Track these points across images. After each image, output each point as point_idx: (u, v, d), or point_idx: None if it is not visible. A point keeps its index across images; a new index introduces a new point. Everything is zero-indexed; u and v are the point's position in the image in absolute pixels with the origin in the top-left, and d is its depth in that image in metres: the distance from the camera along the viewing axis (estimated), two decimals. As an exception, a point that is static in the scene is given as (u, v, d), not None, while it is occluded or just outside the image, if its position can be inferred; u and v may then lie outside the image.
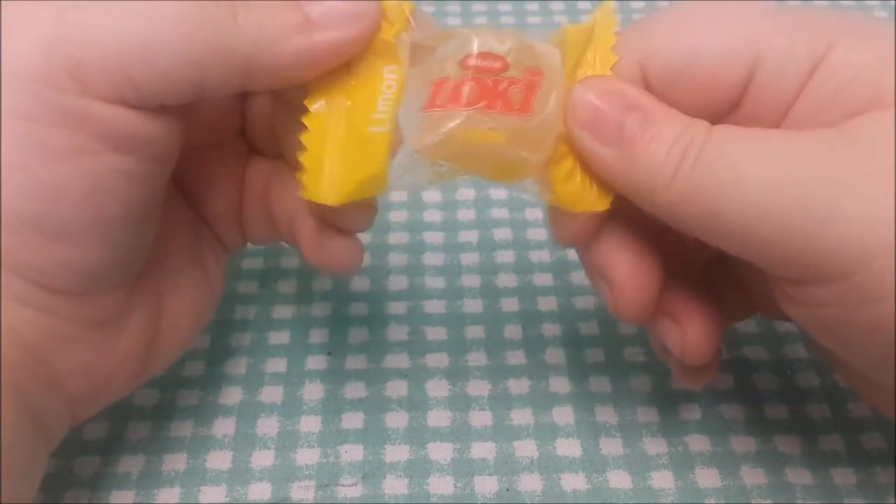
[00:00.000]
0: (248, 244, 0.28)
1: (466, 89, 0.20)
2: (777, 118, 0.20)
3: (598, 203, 0.21)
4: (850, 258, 0.17)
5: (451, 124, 0.20)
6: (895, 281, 0.17)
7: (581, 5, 0.46)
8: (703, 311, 0.23)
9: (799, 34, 0.20)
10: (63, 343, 0.20)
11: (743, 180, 0.18)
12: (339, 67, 0.21)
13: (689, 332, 0.23)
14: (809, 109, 0.20)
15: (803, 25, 0.20)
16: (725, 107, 0.21)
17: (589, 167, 0.21)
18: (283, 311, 0.31)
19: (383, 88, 0.21)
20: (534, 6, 0.46)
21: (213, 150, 0.26)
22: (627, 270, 0.22)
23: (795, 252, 0.18)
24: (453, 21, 0.45)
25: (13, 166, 0.18)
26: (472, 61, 0.21)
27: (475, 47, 0.21)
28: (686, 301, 0.23)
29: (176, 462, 0.26)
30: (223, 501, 0.25)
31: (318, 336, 0.30)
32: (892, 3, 0.45)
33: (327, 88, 0.21)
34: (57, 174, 0.18)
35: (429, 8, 0.46)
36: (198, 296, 0.25)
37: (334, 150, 0.21)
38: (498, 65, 0.21)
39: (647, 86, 0.21)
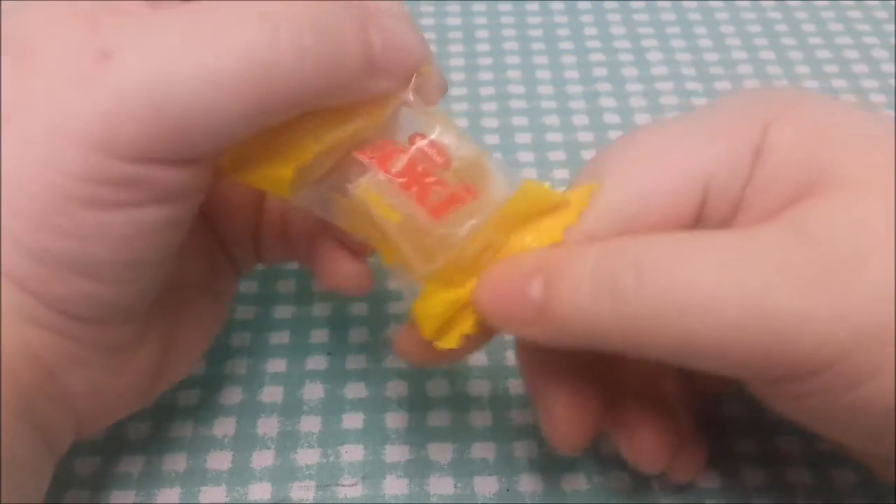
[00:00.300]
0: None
1: (397, 160, 0.20)
2: (727, 220, 0.20)
3: (447, 341, 0.21)
4: (829, 353, 0.17)
5: (363, 177, 0.20)
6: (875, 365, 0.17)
7: (581, 5, 0.46)
8: (653, 419, 0.22)
9: (737, 132, 0.20)
10: (76, 365, 0.20)
11: (711, 298, 0.17)
12: None
13: (639, 443, 0.22)
14: (755, 194, 0.20)
15: (739, 118, 0.20)
16: (687, 224, 0.20)
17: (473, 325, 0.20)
18: (283, 311, 0.31)
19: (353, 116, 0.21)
20: (534, 6, 0.46)
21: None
22: (564, 405, 0.22)
23: (773, 358, 0.17)
24: (453, 21, 0.45)
25: (54, 213, 0.18)
26: (421, 142, 0.21)
27: (433, 133, 0.21)
28: (634, 410, 0.22)
29: (176, 462, 0.26)
30: (223, 501, 0.25)
31: (318, 336, 0.30)
32: (892, 3, 0.46)
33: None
34: (99, 221, 0.18)
35: (429, 8, 0.46)
36: (207, 318, 0.25)
37: (270, 140, 0.20)
38: (440, 160, 0.20)
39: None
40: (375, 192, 0.20)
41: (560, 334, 0.19)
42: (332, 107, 0.20)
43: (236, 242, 0.26)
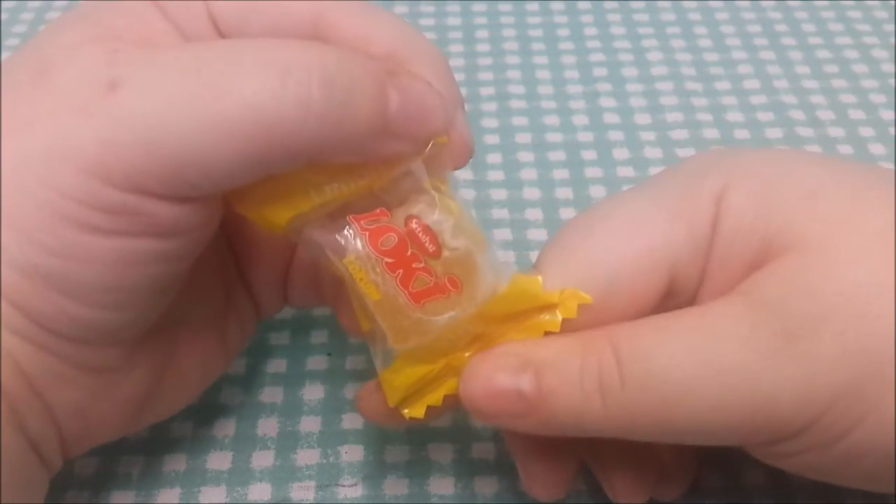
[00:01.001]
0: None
1: (389, 238, 0.20)
2: (697, 284, 0.20)
3: (414, 410, 0.21)
4: (807, 415, 0.18)
5: (351, 247, 0.20)
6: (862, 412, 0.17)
7: (581, 5, 0.46)
8: (631, 458, 0.22)
9: (694, 209, 0.20)
10: (58, 382, 0.20)
11: (684, 388, 0.18)
12: None
13: (618, 482, 0.23)
14: (716, 264, 0.20)
15: (694, 194, 0.20)
16: (655, 304, 0.20)
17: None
18: (283, 312, 0.31)
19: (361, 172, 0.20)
20: (534, 6, 0.46)
21: None
22: (541, 467, 0.22)
23: (755, 428, 0.18)
24: (453, 21, 0.45)
25: (43, 230, 0.18)
26: (416, 225, 0.20)
27: (430, 217, 0.20)
28: (611, 450, 0.22)
29: (176, 462, 0.26)
30: (223, 502, 0.25)
31: (318, 336, 0.30)
32: (892, 3, 0.46)
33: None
34: (87, 244, 0.18)
35: (429, 8, 0.46)
36: (210, 358, 0.24)
37: (271, 180, 0.19)
38: (431, 249, 0.20)
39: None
40: (360, 267, 0.20)
41: (550, 426, 0.19)
42: (340, 161, 0.19)
43: (263, 284, 0.26)
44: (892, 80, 0.40)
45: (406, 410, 0.21)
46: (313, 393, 0.28)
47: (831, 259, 0.18)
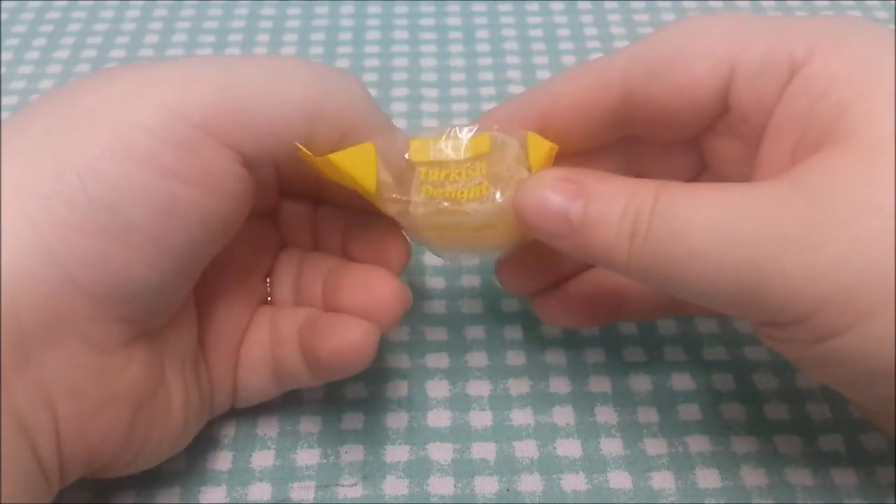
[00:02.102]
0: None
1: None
2: (760, 125, 0.21)
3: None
4: (802, 308, 0.18)
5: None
6: (849, 321, 0.18)
7: (581, 5, 0.46)
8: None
9: (779, 39, 0.21)
10: (56, 347, 0.19)
11: (692, 251, 0.19)
12: None
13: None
14: (786, 121, 0.20)
15: (785, 31, 0.21)
16: (712, 111, 0.22)
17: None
18: (283, 312, 0.31)
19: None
20: (534, 6, 0.46)
21: (233, 287, 0.26)
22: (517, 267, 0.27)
23: (750, 307, 0.19)
24: (453, 21, 0.45)
25: (109, 159, 0.19)
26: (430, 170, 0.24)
27: (430, 154, 0.24)
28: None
29: (176, 462, 0.26)
30: (223, 501, 0.25)
31: (318, 336, 0.30)
32: (892, 3, 0.45)
33: None
34: (147, 182, 0.19)
35: (429, 8, 0.46)
36: (188, 401, 0.24)
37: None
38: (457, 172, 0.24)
39: (627, 95, 0.22)
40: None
41: (581, 253, 0.21)
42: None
43: (219, 360, 0.25)
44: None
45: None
46: (313, 393, 0.28)
47: (882, 166, 0.18)
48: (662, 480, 0.26)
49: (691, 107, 0.22)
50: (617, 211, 0.20)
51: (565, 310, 0.27)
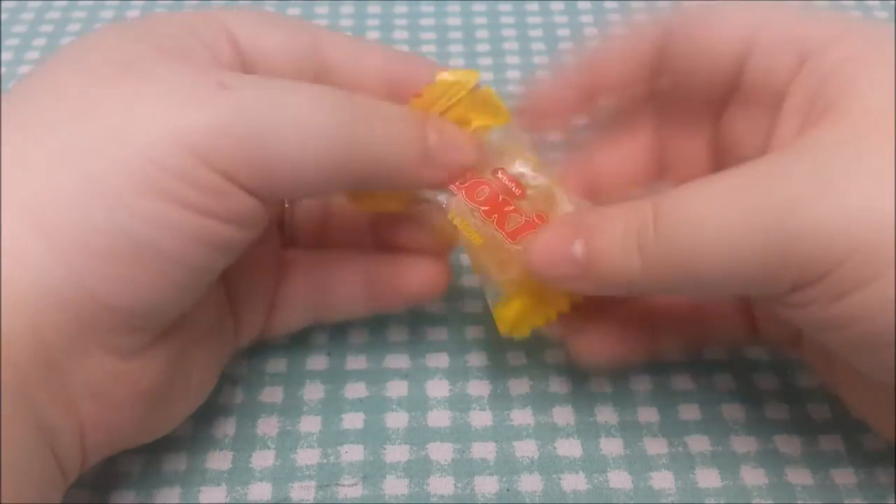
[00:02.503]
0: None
1: (482, 191, 0.24)
2: (773, 103, 0.22)
3: (520, 332, 0.25)
4: (828, 261, 0.18)
5: (451, 205, 0.24)
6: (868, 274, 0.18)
7: (581, 5, 0.46)
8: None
9: (798, 28, 0.22)
10: (80, 357, 0.20)
11: (709, 239, 0.19)
12: None
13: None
14: (798, 101, 0.21)
15: (806, 22, 0.22)
16: (729, 78, 0.23)
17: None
18: (283, 311, 0.31)
19: None
20: (534, 6, 0.46)
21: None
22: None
23: (777, 274, 0.19)
24: (453, 21, 0.45)
25: (135, 195, 0.19)
26: (503, 175, 0.25)
27: (512, 166, 0.25)
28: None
29: (176, 462, 0.26)
30: (223, 501, 0.25)
31: (318, 336, 0.30)
32: (892, 3, 0.45)
33: None
34: (174, 215, 0.19)
35: (429, 8, 0.46)
36: (206, 371, 0.25)
37: None
38: (518, 192, 0.25)
39: (660, 51, 0.24)
40: (462, 218, 0.24)
41: (603, 286, 0.22)
42: (388, 189, 0.24)
43: (248, 305, 0.26)
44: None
45: (514, 333, 0.25)
46: (313, 393, 0.28)
47: (889, 129, 0.19)
48: (662, 480, 0.26)
49: (711, 69, 0.23)
50: (617, 232, 0.21)
51: (605, 344, 0.27)
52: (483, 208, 0.24)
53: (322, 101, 0.21)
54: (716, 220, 0.19)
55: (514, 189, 0.24)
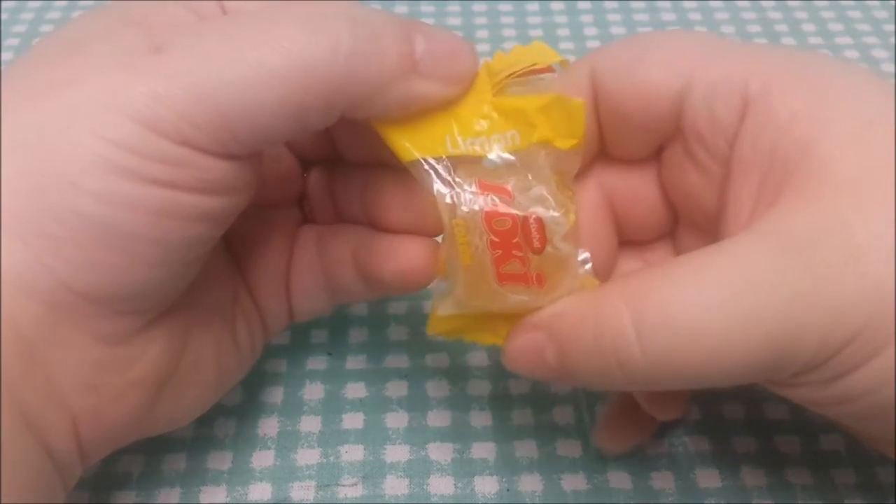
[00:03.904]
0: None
1: (503, 221, 0.21)
2: (719, 153, 0.21)
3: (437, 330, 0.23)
4: (827, 352, 0.18)
5: (465, 212, 0.21)
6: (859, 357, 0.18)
7: (581, 5, 0.46)
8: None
9: (736, 65, 0.20)
10: (63, 348, 0.19)
11: (705, 343, 0.18)
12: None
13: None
14: (750, 156, 0.20)
15: (744, 58, 0.21)
16: (667, 122, 0.21)
17: None
18: (283, 311, 0.31)
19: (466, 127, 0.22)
20: (534, 6, 0.46)
21: (266, 215, 0.26)
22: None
23: (774, 370, 0.19)
24: (453, 21, 0.45)
25: (93, 177, 0.18)
26: (533, 221, 0.21)
27: (549, 215, 0.21)
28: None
29: (176, 462, 0.26)
30: (223, 501, 0.25)
31: (318, 336, 0.30)
32: (892, 3, 0.46)
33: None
34: (137, 192, 0.18)
35: (429, 8, 0.46)
36: (222, 354, 0.24)
37: (418, 119, 0.22)
38: (537, 245, 0.21)
39: (596, 93, 0.22)
40: (465, 231, 0.21)
41: (586, 385, 0.22)
42: (382, 106, 0.20)
43: (265, 289, 0.26)
44: (893, 80, 0.40)
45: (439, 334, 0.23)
46: (313, 393, 0.28)
47: (866, 199, 0.18)
48: (662, 480, 0.26)
49: (647, 112, 0.21)
50: (588, 340, 0.20)
51: (626, 434, 0.26)
52: (494, 239, 0.21)
53: (267, 33, 0.19)
54: (714, 327, 0.18)
55: (534, 241, 0.22)
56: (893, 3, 0.45)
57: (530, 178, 0.22)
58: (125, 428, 0.21)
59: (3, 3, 0.46)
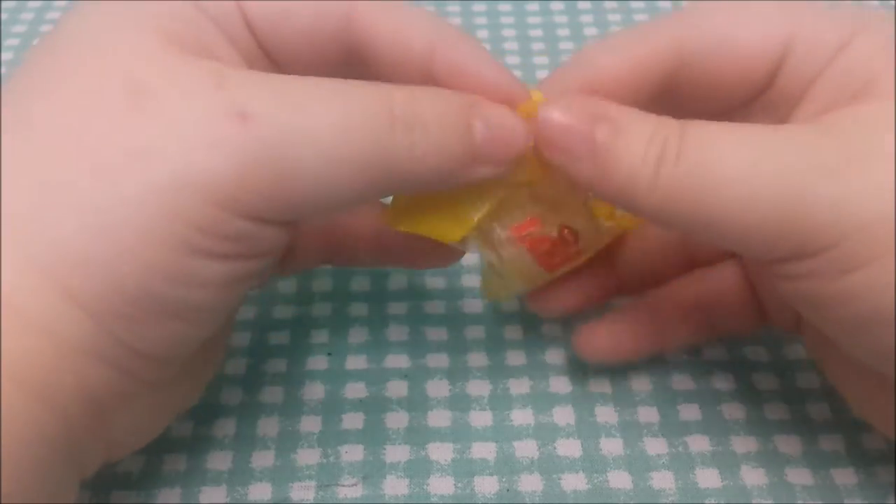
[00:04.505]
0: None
1: (542, 244, 0.24)
2: (797, 100, 0.22)
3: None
4: (834, 234, 0.19)
5: (513, 250, 0.24)
6: (870, 253, 0.18)
7: (581, 5, 0.46)
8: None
9: (830, 23, 0.21)
10: (126, 401, 0.20)
11: (729, 177, 0.19)
12: None
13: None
14: (820, 93, 0.21)
15: (835, 16, 0.22)
16: (760, 86, 0.22)
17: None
18: (283, 311, 0.31)
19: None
20: (534, 6, 0.46)
21: None
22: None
23: (780, 236, 0.19)
24: (453, 21, 0.45)
25: (165, 259, 0.18)
26: (567, 234, 0.24)
27: (578, 224, 0.24)
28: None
29: (176, 462, 0.26)
30: (223, 502, 0.25)
31: (318, 336, 0.30)
32: (892, 2, 0.45)
33: None
34: (207, 270, 0.19)
35: (429, 8, 0.46)
36: (217, 350, 0.25)
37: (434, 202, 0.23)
38: (574, 251, 0.24)
39: (681, 63, 0.22)
40: (520, 265, 0.24)
41: (598, 180, 0.21)
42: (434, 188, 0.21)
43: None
44: (892, 80, 0.40)
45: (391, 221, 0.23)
46: (313, 393, 0.28)
47: None
48: (662, 480, 0.26)
49: (743, 80, 0.22)
50: (645, 135, 0.20)
51: (611, 340, 0.27)
52: (539, 258, 0.24)
53: (352, 115, 0.19)
54: (741, 164, 0.19)
55: (571, 250, 0.24)
56: (894, 3, 0.45)
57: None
58: (145, 443, 0.23)
59: (3, 4, 0.46)
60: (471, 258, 0.33)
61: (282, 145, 0.18)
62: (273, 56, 0.22)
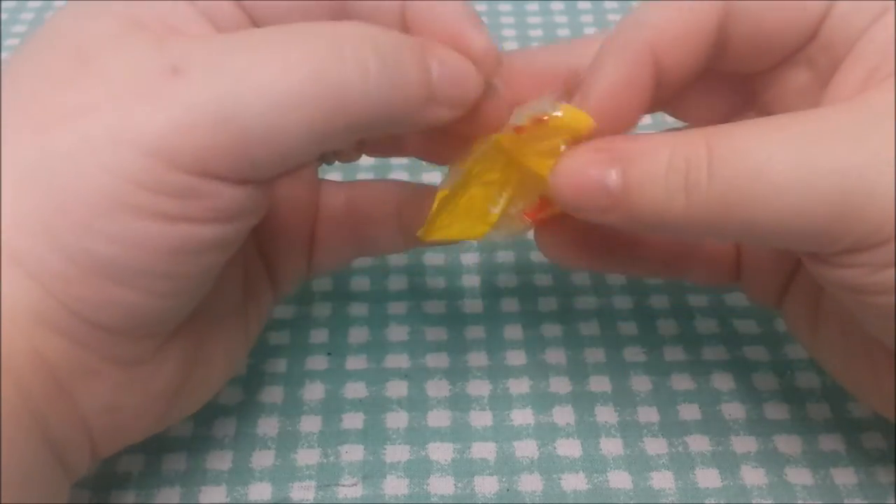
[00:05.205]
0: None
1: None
2: (841, 54, 0.21)
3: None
4: (884, 232, 0.18)
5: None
6: None
7: (581, 5, 0.46)
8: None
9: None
10: (89, 377, 0.19)
11: (778, 185, 0.18)
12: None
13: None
14: (866, 50, 0.20)
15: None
16: (806, 37, 0.21)
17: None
18: (283, 311, 0.31)
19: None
20: (534, 6, 0.46)
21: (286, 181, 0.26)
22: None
23: (834, 233, 0.18)
24: (453, 21, 0.45)
25: (104, 216, 0.18)
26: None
27: None
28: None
29: (176, 462, 0.26)
30: (223, 501, 0.25)
31: (318, 336, 0.30)
32: (892, 3, 0.45)
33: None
34: (149, 231, 0.18)
35: (429, 8, 0.46)
36: (234, 345, 0.24)
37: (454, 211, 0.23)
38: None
39: (728, 16, 0.21)
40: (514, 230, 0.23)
41: (636, 222, 0.20)
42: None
43: (286, 254, 0.26)
44: (892, 80, 0.40)
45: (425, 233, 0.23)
46: (313, 393, 0.28)
47: None
48: (662, 480, 0.26)
49: (793, 31, 0.21)
50: (661, 165, 0.19)
51: (574, 245, 0.25)
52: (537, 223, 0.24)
53: (294, 51, 0.18)
54: (786, 170, 0.18)
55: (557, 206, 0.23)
56: (893, 3, 0.45)
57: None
58: (141, 435, 0.22)
59: (4, 4, 0.46)
60: (471, 258, 0.33)
61: (220, 95, 0.18)
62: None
